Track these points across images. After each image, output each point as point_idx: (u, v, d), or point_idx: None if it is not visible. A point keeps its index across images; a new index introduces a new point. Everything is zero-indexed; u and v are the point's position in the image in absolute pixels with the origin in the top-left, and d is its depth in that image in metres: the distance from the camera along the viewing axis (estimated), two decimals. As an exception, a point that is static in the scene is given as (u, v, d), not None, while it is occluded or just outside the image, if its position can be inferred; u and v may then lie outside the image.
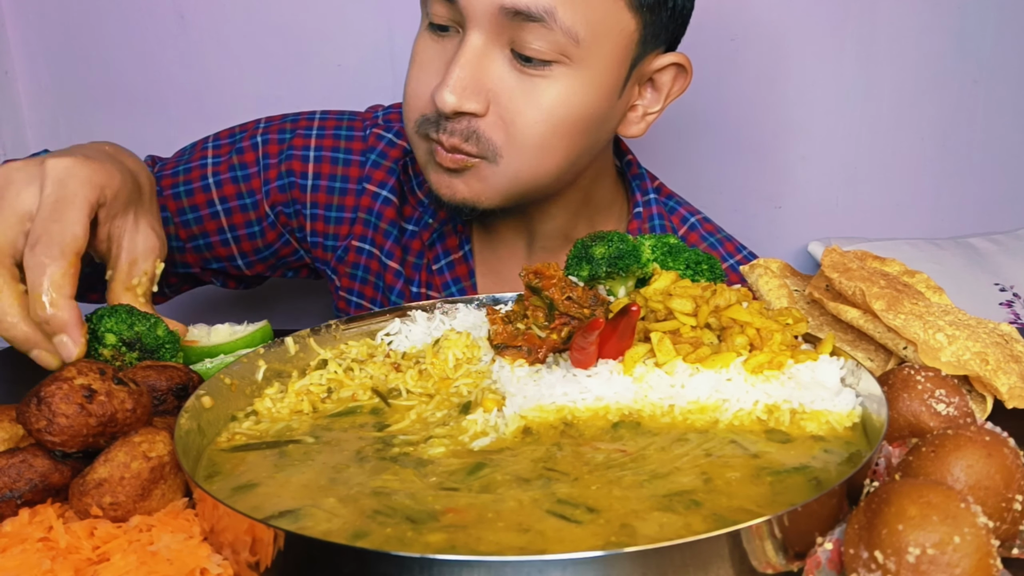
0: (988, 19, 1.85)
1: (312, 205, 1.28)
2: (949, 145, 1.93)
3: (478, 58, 1.04)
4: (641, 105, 1.17)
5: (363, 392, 0.83)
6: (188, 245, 1.29)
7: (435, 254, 1.28)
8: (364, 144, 1.29)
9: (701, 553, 0.54)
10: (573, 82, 1.05)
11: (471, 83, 1.03)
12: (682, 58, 1.15)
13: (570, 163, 1.12)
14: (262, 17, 1.80)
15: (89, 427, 0.67)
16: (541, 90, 1.05)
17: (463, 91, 1.03)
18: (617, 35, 1.06)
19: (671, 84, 1.17)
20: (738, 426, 0.72)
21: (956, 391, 0.71)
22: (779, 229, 1.96)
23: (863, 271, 0.89)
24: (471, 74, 1.03)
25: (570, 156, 1.10)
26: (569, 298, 0.81)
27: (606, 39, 1.05)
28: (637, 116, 1.18)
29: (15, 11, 1.82)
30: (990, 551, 0.51)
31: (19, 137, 1.88)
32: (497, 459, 0.69)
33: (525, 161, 1.07)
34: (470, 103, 1.03)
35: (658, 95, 1.17)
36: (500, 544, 0.58)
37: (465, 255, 1.28)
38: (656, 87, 1.17)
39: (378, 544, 0.58)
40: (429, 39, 1.09)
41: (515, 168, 1.08)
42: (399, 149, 1.28)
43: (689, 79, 1.17)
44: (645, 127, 1.18)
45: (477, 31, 1.03)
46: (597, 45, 1.04)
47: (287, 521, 0.62)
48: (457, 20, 1.05)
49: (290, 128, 1.29)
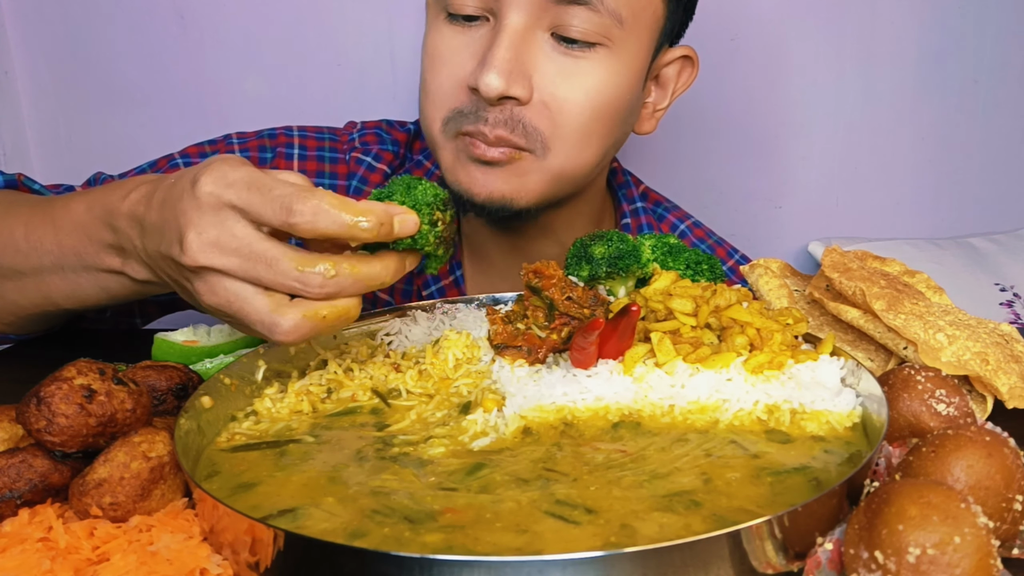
0: (988, 19, 1.85)
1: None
2: (949, 145, 1.93)
3: (520, 40, 0.98)
4: (650, 102, 1.16)
5: (363, 392, 0.83)
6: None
7: (424, 280, 1.24)
8: (347, 167, 1.25)
9: (701, 553, 0.54)
10: (614, 65, 1.02)
11: (516, 65, 0.97)
12: (690, 50, 1.14)
13: (603, 155, 1.09)
14: (262, 17, 1.80)
15: (89, 427, 0.67)
16: (585, 73, 1.01)
17: (509, 74, 0.97)
18: (650, 18, 1.05)
19: (676, 78, 1.16)
20: (738, 426, 0.72)
21: (956, 391, 0.71)
22: (779, 229, 1.96)
23: (863, 271, 0.89)
24: (515, 55, 0.97)
25: (604, 147, 1.08)
26: (569, 298, 0.80)
27: (642, 22, 1.04)
28: (648, 112, 1.17)
29: (15, 11, 1.82)
30: (990, 551, 0.51)
31: (19, 137, 1.88)
32: (497, 459, 0.69)
33: (569, 153, 1.03)
34: (516, 87, 0.98)
35: (664, 91, 1.17)
36: (497, 545, 0.58)
37: (456, 280, 1.24)
38: (662, 82, 1.16)
39: (376, 544, 0.58)
40: (449, 31, 1.03)
41: (560, 161, 1.04)
42: (379, 173, 1.24)
43: (696, 72, 1.16)
44: (655, 123, 1.17)
45: (517, 12, 0.98)
46: (636, 27, 1.03)
47: (286, 520, 0.62)
48: (488, 7, 1.00)
49: (270, 146, 1.24)
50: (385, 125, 1.30)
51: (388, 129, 1.29)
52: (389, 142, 1.27)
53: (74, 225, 0.89)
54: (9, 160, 1.84)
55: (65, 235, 0.90)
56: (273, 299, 0.72)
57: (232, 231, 0.71)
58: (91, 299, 0.93)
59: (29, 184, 1.13)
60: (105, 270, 0.88)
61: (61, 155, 1.89)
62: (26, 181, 1.13)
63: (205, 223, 0.72)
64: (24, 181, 1.13)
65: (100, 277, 0.90)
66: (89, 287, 0.91)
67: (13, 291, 0.97)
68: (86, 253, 0.88)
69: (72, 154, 1.89)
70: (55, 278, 0.92)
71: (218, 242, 0.72)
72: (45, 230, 0.92)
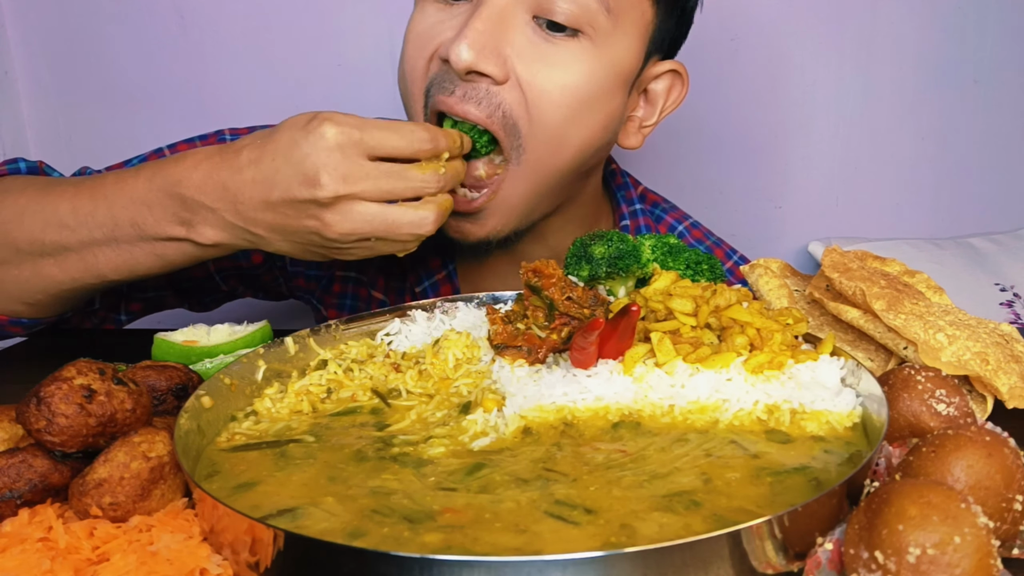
0: (988, 19, 1.85)
1: None
2: (949, 145, 1.93)
3: (499, 17, 0.97)
4: (637, 116, 1.14)
5: (363, 392, 0.83)
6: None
7: (417, 276, 1.24)
8: None
9: (701, 553, 0.54)
10: (595, 58, 1.01)
11: (490, 40, 0.96)
12: (679, 66, 1.12)
13: (583, 159, 1.07)
14: (262, 17, 1.80)
15: (89, 427, 0.67)
16: (565, 62, 0.99)
17: (482, 49, 0.96)
18: (638, 18, 1.03)
19: (666, 94, 1.14)
20: (738, 426, 0.72)
21: (956, 391, 0.71)
22: (779, 229, 1.96)
23: (863, 271, 0.89)
24: (491, 31, 0.96)
25: (584, 149, 1.06)
26: (569, 298, 0.80)
27: (629, 19, 1.02)
28: (634, 127, 1.14)
29: (15, 11, 1.82)
30: (990, 551, 0.50)
31: (19, 137, 1.88)
32: (496, 459, 0.69)
33: (545, 151, 1.02)
34: (488, 63, 0.96)
35: (652, 107, 1.14)
36: (496, 545, 0.58)
37: (449, 274, 1.23)
38: (650, 98, 1.14)
39: (375, 544, 0.58)
40: (432, 9, 1.03)
41: (534, 160, 1.02)
42: None
43: (686, 90, 1.14)
44: (641, 139, 1.15)
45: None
46: (622, 22, 1.01)
47: (285, 520, 0.62)
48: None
49: None
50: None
51: None
52: None
53: (130, 199, 0.96)
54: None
55: (120, 208, 0.96)
56: (408, 205, 0.91)
57: (359, 163, 0.88)
58: (143, 268, 0.99)
59: (49, 172, 1.16)
60: (165, 238, 0.96)
61: (61, 155, 1.89)
62: (46, 169, 1.16)
63: (334, 160, 0.87)
64: (44, 169, 1.16)
65: (158, 246, 0.97)
66: (144, 257, 0.98)
67: (52, 266, 1.00)
68: (145, 224, 0.95)
69: (72, 154, 1.89)
70: (107, 250, 0.98)
71: (350, 174, 0.87)
72: (96, 204, 0.97)
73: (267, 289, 1.33)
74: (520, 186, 1.04)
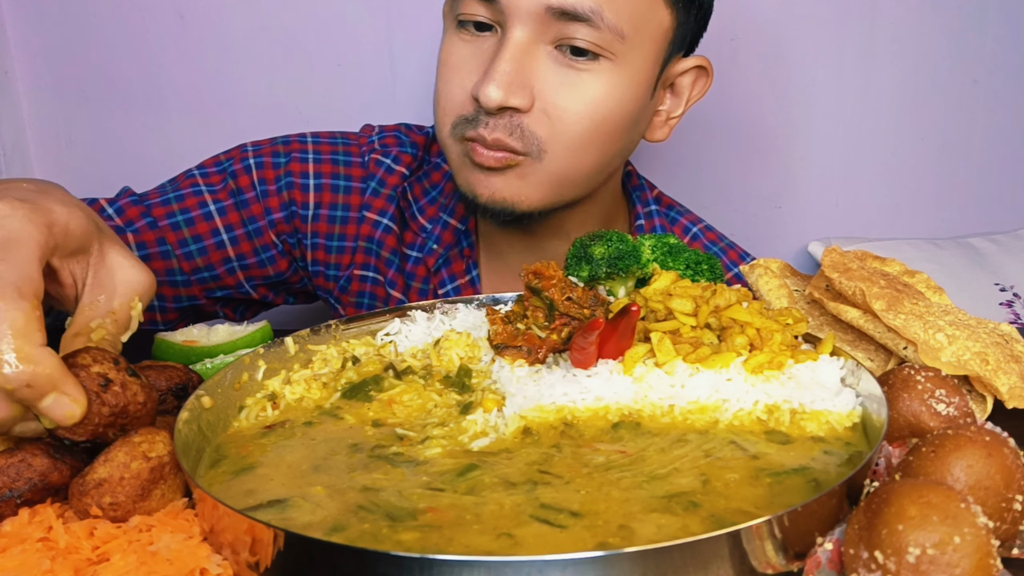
0: (988, 19, 1.85)
1: (313, 235, 1.25)
2: (949, 145, 1.93)
3: (522, 53, 1.03)
4: (664, 110, 1.19)
5: (366, 387, 0.83)
6: (193, 277, 1.23)
7: (440, 279, 1.26)
8: (364, 171, 1.26)
9: (701, 553, 0.54)
10: (616, 78, 1.06)
11: (516, 77, 1.03)
12: (704, 60, 1.17)
13: (605, 163, 1.12)
14: (262, 17, 1.80)
15: (102, 416, 0.66)
16: (586, 84, 1.05)
17: (508, 86, 1.02)
18: (655, 30, 1.07)
19: (691, 87, 1.19)
20: (738, 426, 0.72)
21: (956, 391, 0.71)
22: (779, 229, 1.96)
23: (863, 271, 0.89)
24: (516, 68, 1.03)
25: (606, 155, 1.11)
26: (569, 298, 0.81)
27: (646, 34, 1.06)
28: (661, 120, 1.20)
29: (15, 11, 1.82)
30: (990, 551, 0.51)
31: (19, 137, 1.88)
32: (492, 461, 0.69)
33: (566, 157, 1.07)
34: (515, 98, 1.03)
35: (679, 99, 1.19)
36: (470, 547, 0.58)
37: (472, 280, 1.26)
38: (676, 91, 1.19)
39: (352, 539, 0.59)
40: (459, 41, 1.08)
41: (556, 165, 1.07)
42: (397, 175, 1.26)
43: (710, 81, 1.19)
44: (668, 131, 1.20)
45: (520, 27, 1.02)
46: (639, 40, 1.06)
47: (274, 511, 0.63)
48: (496, 19, 1.05)
49: (283, 151, 1.25)
50: (404, 128, 1.32)
51: (407, 132, 1.31)
52: (408, 145, 1.29)
53: None
54: (9, 160, 1.84)
55: None
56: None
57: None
58: None
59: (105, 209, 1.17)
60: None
61: (61, 155, 1.89)
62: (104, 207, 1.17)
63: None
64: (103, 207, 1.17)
65: None
66: None
67: None
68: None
69: (72, 154, 1.89)
70: None
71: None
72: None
73: (296, 293, 1.35)
74: (537, 177, 1.08)
